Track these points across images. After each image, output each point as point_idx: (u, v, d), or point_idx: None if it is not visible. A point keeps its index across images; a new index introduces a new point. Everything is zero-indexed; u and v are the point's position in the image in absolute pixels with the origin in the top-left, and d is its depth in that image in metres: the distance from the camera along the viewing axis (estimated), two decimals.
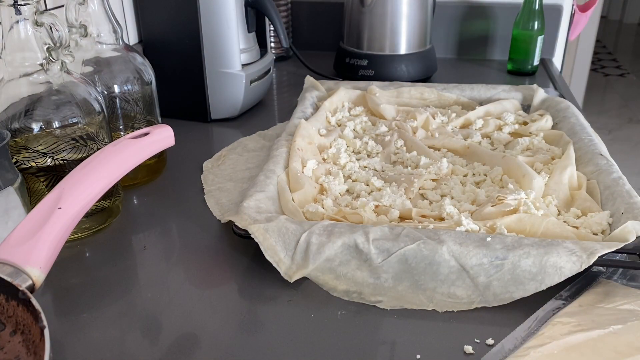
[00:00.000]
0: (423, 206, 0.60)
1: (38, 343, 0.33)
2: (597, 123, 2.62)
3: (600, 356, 0.40)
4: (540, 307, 0.46)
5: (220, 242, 0.57)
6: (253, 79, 0.88)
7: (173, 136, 0.51)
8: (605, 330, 0.42)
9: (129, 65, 0.67)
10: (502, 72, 1.14)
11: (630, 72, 3.96)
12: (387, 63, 1.04)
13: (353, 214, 0.56)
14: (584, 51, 2.58)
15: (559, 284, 0.46)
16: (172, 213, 0.63)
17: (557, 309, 0.46)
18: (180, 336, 0.44)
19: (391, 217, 0.56)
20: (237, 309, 0.48)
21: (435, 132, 0.77)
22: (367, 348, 0.43)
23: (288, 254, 0.50)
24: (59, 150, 0.54)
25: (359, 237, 0.49)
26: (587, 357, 0.40)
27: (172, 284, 0.51)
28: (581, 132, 0.71)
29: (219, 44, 0.83)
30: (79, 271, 0.53)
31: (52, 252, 0.39)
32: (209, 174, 0.70)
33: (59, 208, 0.41)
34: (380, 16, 1.02)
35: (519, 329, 0.44)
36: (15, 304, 0.35)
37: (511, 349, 0.42)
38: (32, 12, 0.51)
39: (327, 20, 1.27)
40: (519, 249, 0.47)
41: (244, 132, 0.84)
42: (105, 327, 0.46)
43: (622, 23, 5.27)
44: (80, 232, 0.57)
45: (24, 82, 0.53)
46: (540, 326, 0.44)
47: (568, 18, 1.20)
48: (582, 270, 0.46)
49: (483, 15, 1.21)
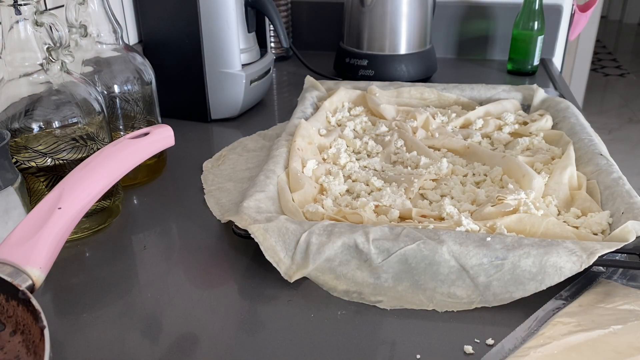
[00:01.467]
0: (423, 206, 0.60)
1: (38, 343, 0.33)
2: (597, 123, 2.63)
3: (601, 356, 0.40)
4: (540, 307, 0.46)
5: (220, 242, 0.57)
6: (253, 79, 0.88)
7: (173, 136, 0.51)
8: (605, 331, 0.42)
9: (129, 65, 0.67)
10: (502, 72, 1.14)
11: (630, 72, 3.96)
12: (387, 63, 1.04)
13: (353, 214, 0.56)
14: (584, 51, 2.58)
15: (559, 284, 0.46)
16: (172, 213, 0.63)
17: (557, 309, 0.46)
18: (180, 336, 0.44)
19: (391, 217, 0.56)
20: (237, 309, 0.48)
21: (435, 132, 0.77)
22: (367, 348, 0.43)
23: (288, 254, 0.50)
24: (59, 150, 0.54)
25: (359, 237, 0.49)
26: (587, 357, 0.40)
27: (172, 284, 0.51)
28: (581, 132, 0.71)
29: (219, 44, 0.83)
30: (79, 271, 0.53)
31: (52, 252, 0.39)
32: (209, 174, 0.70)
33: (59, 208, 0.41)
34: (380, 16, 1.02)
35: (519, 329, 0.44)
36: (15, 304, 0.35)
37: (511, 349, 0.42)
38: (32, 12, 0.51)
39: (327, 20, 1.27)
40: (519, 249, 0.47)
41: (244, 132, 0.84)
42: (105, 327, 0.46)
43: (622, 23, 5.27)
44: (80, 232, 0.57)
45: (24, 82, 0.53)
46: (540, 326, 0.44)
47: (568, 18, 1.20)
48: (582, 270, 0.46)
49: (483, 15, 1.21)
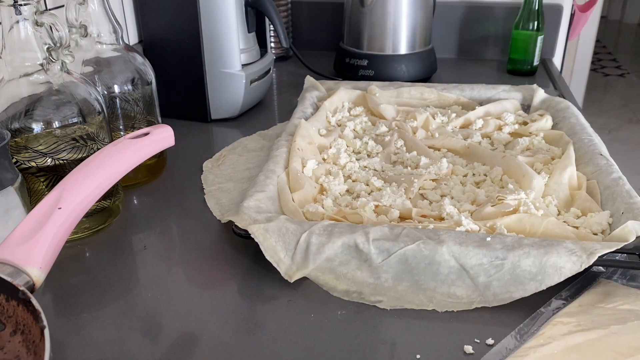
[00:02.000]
0: (423, 206, 0.60)
1: (38, 343, 0.33)
2: (597, 123, 2.62)
3: (600, 356, 0.40)
4: (540, 307, 0.46)
5: (220, 242, 0.57)
6: (253, 79, 0.88)
7: (173, 136, 0.51)
8: (605, 331, 0.42)
9: (129, 65, 0.67)
10: (502, 72, 1.14)
11: (630, 72, 3.95)
12: (387, 63, 1.04)
13: (353, 214, 0.56)
14: (584, 51, 2.58)
15: (559, 284, 0.46)
16: (172, 213, 0.63)
17: (557, 309, 0.46)
18: (180, 336, 0.44)
19: (391, 217, 0.56)
20: (237, 309, 0.48)
21: (435, 132, 0.77)
22: (367, 348, 0.43)
23: (288, 254, 0.50)
24: (59, 150, 0.54)
25: (359, 237, 0.49)
26: (586, 358, 0.40)
27: (172, 284, 0.51)
28: (581, 132, 0.71)
29: (219, 44, 0.83)
30: (79, 271, 0.53)
31: (52, 252, 0.39)
32: (209, 174, 0.70)
33: (59, 208, 0.41)
34: (380, 16, 1.02)
35: (519, 328, 0.44)
36: (15, 303, 0.35)
37: (511, 348, 0.42)
38: (32, 12, 0.51)
39: (327, 20, 1.27)
40: (519, 249, 0.47)
41: (244, 132, 0.84)
42: (105, 327, 0.46)
43: (622, 23, 5.27)
44: (80, 232, 0.57)
45: (24, 82, 0.53)
46: (540, 326, 0.44)
47: (568, 18, 1.20)
48: (582, 270, 0.46)
49: (483, 15, 1.21)
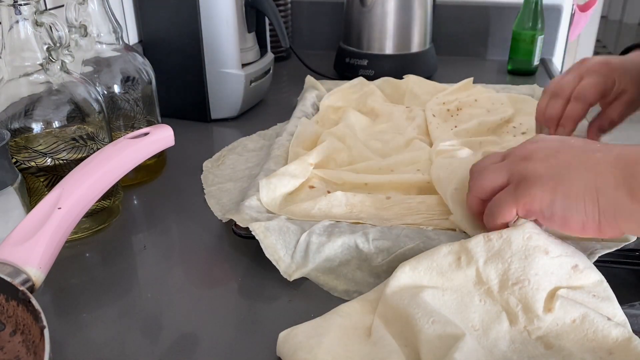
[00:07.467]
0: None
1: (38, 343, 0.33)
2: None
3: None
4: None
5: (220, 242, 0.57)
6: (253, 79, 0.88)
7: (173, 136, 0.51)
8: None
9: (129, 65, 0.67)
10: (502, 72, 1.14)
11: None
12: (387, 63, 1.04)
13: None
14: (584, 51, 2.58)
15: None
16: (172, 213, 0.63)
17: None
18: (180, 336, 0.44)
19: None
20: (237, 309, 0.48)
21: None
22: None
23: (288, 252, 0.50)
24: (59, 150, 0.54)
25: (358, 237, 0.49)
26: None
27: (172, 284, 0.51)
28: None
29: (219, 44, 0.82)
30: (79, 271, 0.53)
31: (52, 252, 0.39)
32: (209, 174, 0.70)
33: (59, 208, 0.41)
34: (380, 16, 1.02)
35: None
36: (15, 304, 0.35)
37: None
38: (32, 12, 0.51)
39: (327, 20, 1.27)
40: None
41: (244, 132, 0.83)
42: (105, 327, 0.46)
43: (622, 23, 5.27)
44: (80, 232, 0.57)
45: (24, 82, 0.53)
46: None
47: (568, 18, 1.20)
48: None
49: (483, 15, 1.21)
